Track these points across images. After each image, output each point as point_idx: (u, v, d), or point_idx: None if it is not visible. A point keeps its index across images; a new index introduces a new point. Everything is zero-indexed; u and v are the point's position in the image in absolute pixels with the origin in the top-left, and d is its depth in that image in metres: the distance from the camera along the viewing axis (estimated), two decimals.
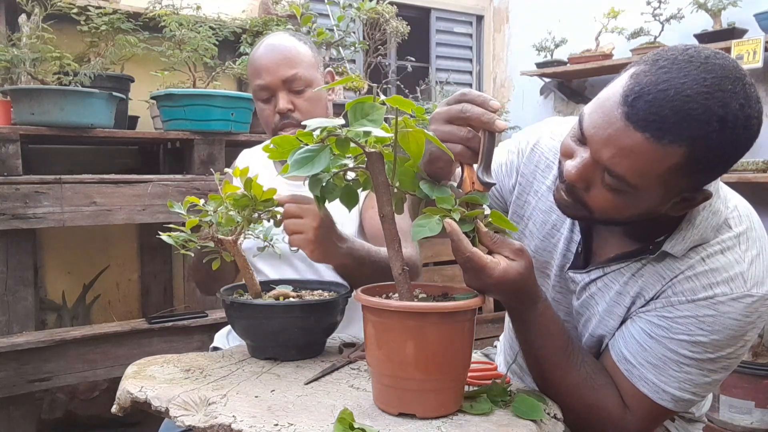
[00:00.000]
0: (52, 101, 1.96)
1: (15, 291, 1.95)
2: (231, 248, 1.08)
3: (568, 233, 1.05)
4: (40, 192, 1.90)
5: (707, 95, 0.76)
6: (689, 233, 0.91)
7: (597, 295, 1.01)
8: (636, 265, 0.96)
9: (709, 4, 2.84)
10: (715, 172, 0.84)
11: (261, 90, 1.45)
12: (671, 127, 0.76)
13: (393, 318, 0.83)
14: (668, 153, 0.78)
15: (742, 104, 0.77)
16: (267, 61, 1.43)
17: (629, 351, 0.95)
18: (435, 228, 0.83)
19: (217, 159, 2.23)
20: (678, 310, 0.91)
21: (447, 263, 2.80)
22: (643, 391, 0.94)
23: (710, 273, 0.90)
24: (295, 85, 1.42)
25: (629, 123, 0.78)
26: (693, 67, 0.78)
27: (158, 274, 2.79)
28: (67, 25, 2.35)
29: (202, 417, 0.84)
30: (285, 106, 1.42)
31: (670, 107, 0.76)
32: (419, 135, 0.83)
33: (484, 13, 4.15)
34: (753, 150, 0.84)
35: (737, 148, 0.80)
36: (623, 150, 0.80)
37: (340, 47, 2.87)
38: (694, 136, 0.76)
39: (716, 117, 0.76)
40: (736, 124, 0.77)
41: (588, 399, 0.95)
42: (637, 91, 0.78)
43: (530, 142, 1.12)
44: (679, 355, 0.91)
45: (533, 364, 0.98)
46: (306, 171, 0.79)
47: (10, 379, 1.87)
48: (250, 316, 1.08)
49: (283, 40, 1.47)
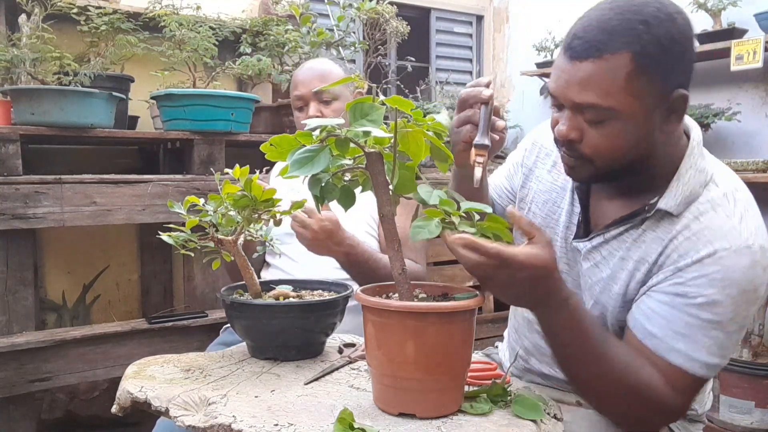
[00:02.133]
0: (52, 101, 1.96)
1: (15, 291, 1.95)
2: (231, 248, 1.08)
3: (568, 207, 1.13)
4: (40, 192, 1.90)
5: (621, 11, 0.90)
6: (679, 189, 0.98)
7: (601, 263, 1.06)
8: (636, 231, 1.01)
9: (709, 4, 2.84)
10: (670, 69, 0.91)
11: (296, 100, 1.74)
12: (605, 42, 0.89)
13: (393, 318, 0.83)
14: (616, 64, 0.89)
15: (657, 7, 0.90)
16: (303, 77, 1.74)
17: (653, 326, 0.96)
18: (434, 231, 0.83)
19: (217, 159, 2.23)
20: (687, 273, 0.95)
21: (447, 263, 2.80)
22: (675, 363, 0.94)
23: (706, 230, 0.95)
24: (324, 97, 1.70)
25: (573, 60, 0.92)
26: (607, 3, 0.93)
27: (158, 274, 2.79)
28: (67, 25, 2.35)
29: (202, 417, 0.84)
30: (313, 113, 1.69)
31: (596, 29, 0.90)
32: (419, 135, 0.83)
33: (484, 13, 4.15)
34: (753, 150, 0.85)
35: (675, 40, 0.90)
36: (582, 82, 0.91)
37: (340, 47, 2.87)
38: (627, 41, 0.88)
39: (637, 21, 0.89)
40: (660, 20, 0.89)
41: (630, 383, 0.94)
42: (570, 35, 0.94)
43: (531, 140, 1.25)
44: (702, 320, 0.93)
45: (572, 361, 0.95)
46: (306, 171, 0.80)
47: (10, 379, 1.87)
48: (250, 316, 1.08)
49: (321, 62, 1.80)
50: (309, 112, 1.70)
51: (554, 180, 1.17)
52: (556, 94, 0.96)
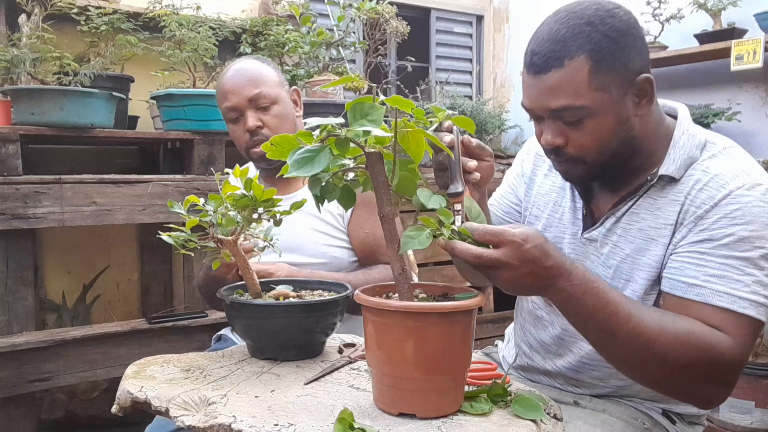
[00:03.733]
0: (52, 101, 1.96)
1: (15, 291, 1.95)
2: (231, 248, 1.08)
3: (570, 203, 1.16)
4: (40, 192, 1.90)
5: (566, 19, 0.97)
6: (677, 154, 1.03)
7: (620, 242, 1.07)
8: (646, 201, 1.05)
9: (709, 4, 2.84)
10: (626, 58, 0.97)
11: (230, 111, 1.53)
12: (560, 51, 0.96)
13: (393, 318, 0.83)
14: (576, 66, 0.95)
15: (596, 8, 0.97)
16: (232, 84, 1.51)
17: (689, 276, 0.97)
18: (424, 242, 0.82)
19: (217, 159, 2.23)
20: (708, 219, 0.98)
21: (447, 263, 2.80)
22: (722, 305, 0.94)
23: (717, 177, 1.00)
24: (261, 103, 1.51)
25: (538, 74, 0.98)
26: (551, 18, 1.00)
27: (158, 274, 2.79)
28: (67, 25, 2.35)
29: (202, 417, 0.84)
30: (254, 124, 1.50)
31: (550, 42, 0.97)
32: (419, 135, 0.83)
33: (484, 13, 4.15)
34: (753, 150, 0.86)
35: (621, 32, 0.96)
36: (552, 90, 0.97)
37: (340, 47, 2.87)
38: (579, 44, 0.95)
39: (582, 24, 0.96)
40: (601, 18, 0.96)
41: (670, 335, 0.90)
42: (527, 53, 1.00)
43: (525, 151, 1.31)
44: (735, 258, 0.95)
45: (604, 331, 0.91)
46: (306, 171, 0.79)
47: (10, 379, 1.87)
48: (250, 316, 1.08)
49: (246, 64, 1.56)
50: (248, 122, 1.50)
51: (552, 182, 1.21)
52: (532, 108, 1.02)
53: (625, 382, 1.13)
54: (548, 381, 1.23)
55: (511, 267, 0.83)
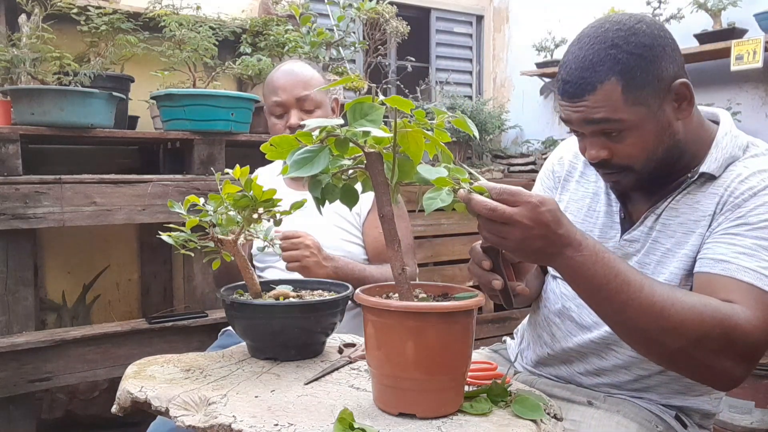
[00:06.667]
0: (52, 101, 1.96)
1: (15, 291, 1.95)
2: (231, 248, 1.08)
3: (605, 207, 1.17)
4: (40, 192, 1.90)
5: (591, 45, 0.98)
6: (719, 153, 1.05)
7: (661, 237, 1.08)
8: (686, 198, 1.06)
9: (709, 4, 2.84)
10: (657, 69, 0.97)
11: (276, 106, 1.65)
12: (591, 78, 0.97)
13: (393, 318, 0.83)
14: (609, 89, 0.97)
15: (617, 28, 0.98)
16: (284, 82, 1.65)
17: (719, 253, 0.98)
18: (446, 198, 0.83)
19: (217, 159, 2.23)
20: (746, 206, 1.00)
21: (447, 263, 2.80)
22: (747, 280, 0.94)
23: (758, 173, 1.02)
24: (307, 105, 1.63)
25: (572, 99, 1.00)
26: (575, 45, 1.02)
27: (158, 274, 2.79)
28: (67, 25, 2.35)
29: (202, 417, 0.84)
30: (296, 122, 1.61)
31: (579, 69, 0.99)
32: (418, 135, 0.83)
33: (484, 13, 4.15)
34: None
35: (646, 46, 0.97)
36: (589, 111, 0.99)
37: (340, 47, 2.87)
38: (607, 68, 0.96)
39: (606, 48, 0.97)
40: (626, 39, 0.96)
41: (681, 307, 0.89)
42: (559, 81, 1.02)
43: (557, 156, 1.31)
44: (767, 240, 0.96)
45: (614, 305, 0.90)
46: (306, 171, 0.80)
47: (10, 379, 1.87)
48: (250, 316, 1.08)
49: (300, 66, 1.70)
50: (291, 120, 1.63)
51: (585, 189, 1.22)
52: (574, 125, 1.05)
53: (647, 371, 1.11)
54: (568, 371, 1.20)
55: (523, 226, 0.84)
